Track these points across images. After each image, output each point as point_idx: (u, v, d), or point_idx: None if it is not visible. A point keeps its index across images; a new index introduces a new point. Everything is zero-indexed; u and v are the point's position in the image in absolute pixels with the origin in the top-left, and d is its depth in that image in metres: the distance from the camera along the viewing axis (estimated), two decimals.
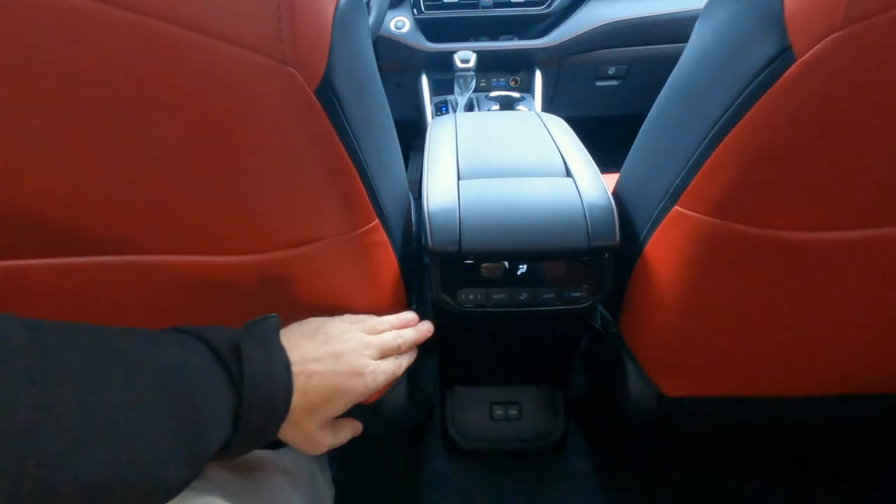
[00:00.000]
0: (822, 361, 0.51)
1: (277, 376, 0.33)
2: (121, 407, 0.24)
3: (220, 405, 0.30)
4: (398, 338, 0.45)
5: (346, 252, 0.42)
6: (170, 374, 0.28)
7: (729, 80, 0.36)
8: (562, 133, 0.67)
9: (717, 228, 0.42)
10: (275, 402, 0.33)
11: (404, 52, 1.19)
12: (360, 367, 0.38)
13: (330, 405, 0.37)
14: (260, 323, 0.35)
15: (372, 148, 0.40)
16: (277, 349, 0.34)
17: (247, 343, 0.33)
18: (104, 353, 0.26)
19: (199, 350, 0.32)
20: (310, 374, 0.36)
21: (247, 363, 0.32)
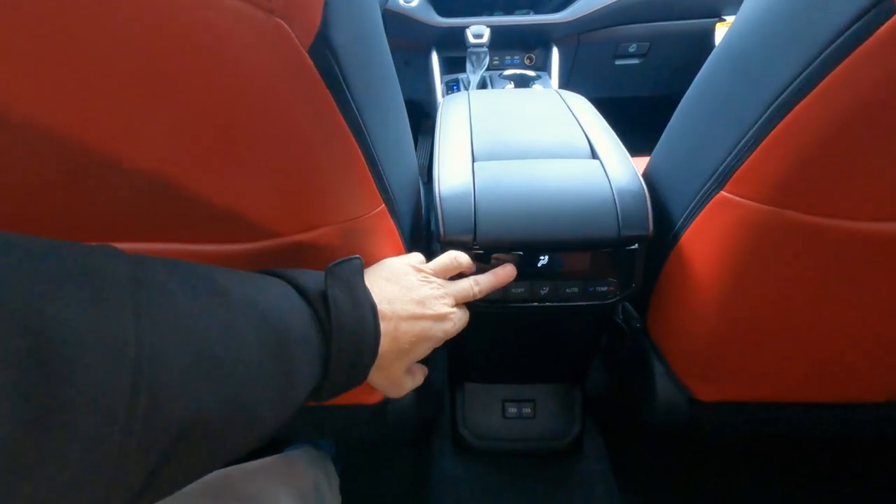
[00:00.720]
0: (879, 364, 0.46)
1: (365, 321, 0.32)
2: (222, 343, 0.24)
3: (310, 349, 0.30)
4: (475, 285, 0.43)
5: (350, 240, 0.37)
6: (265, 315, 0.27)
7: (801, 41, 0.31)
8: (585, 112, 0.62)
9: (769, 216, 0.37)
10: (363, 346, 0.32)
11: (413, 27, 1.13)
12: (443, 312, 0.38)
13: (416, 350, 0.37)
14: (343, 265, 0.34)
15: (377, 122, 0.35)
16: (363, 292, 0.33)
17: (332, 286, 0.32)
18: (205, 287, 0.25)
19: (290, 293, 0.31)
20: (398, 318, 0.35)
21: (334, 307, 0.31)
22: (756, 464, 0.73)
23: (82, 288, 0.19)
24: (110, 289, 0.20)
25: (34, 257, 0.19)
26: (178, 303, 0.23)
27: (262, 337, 0.26)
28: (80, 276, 0.20)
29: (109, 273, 0.21)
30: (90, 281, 0.20)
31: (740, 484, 0.71)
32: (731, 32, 0.39)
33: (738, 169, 0.37)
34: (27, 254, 0.19)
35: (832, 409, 0.52)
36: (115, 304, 0.20)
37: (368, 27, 0.33)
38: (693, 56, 1.17)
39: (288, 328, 0.28)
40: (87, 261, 0.21)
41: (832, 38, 0.28)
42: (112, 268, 0.21)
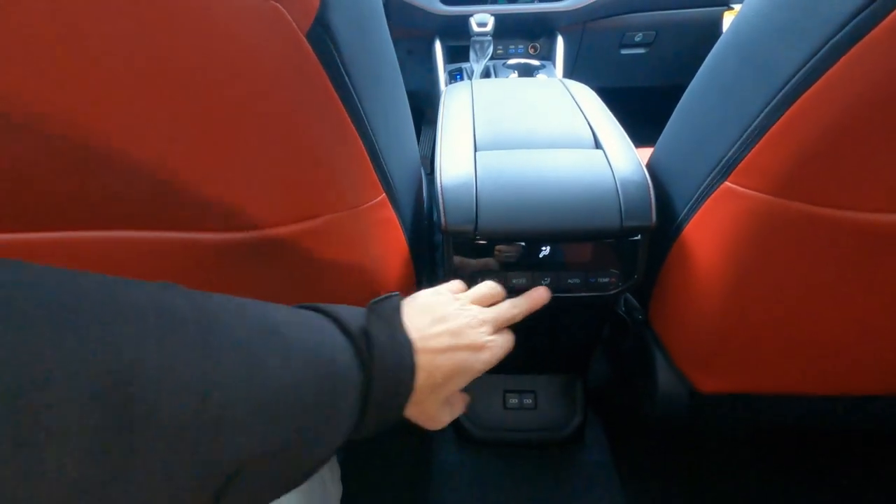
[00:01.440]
0: (883, 356, 0.45)
1: (403, 358, 0.32)
2: (279, 382, 0.25)
3: (352, 387, 0.30)
4: (513, 308, 0.42)
5: (349, 229, 0.37)
6: (315, 353, 0.28)
7: (807, 31, 0.30)
8: (589, 101, 0.61)
9: (774, 208, 0.36)
10: (400, 384, 0.32)
11: (416, 16, 1.12)
12: (480, 342, 0.37)
13: (452, 382, 0.36)
14: (384, 303, 0.34)
15: (377, 110, 0.34)
16: (401, 330, 0.33)
17: (373, 324, 0.32)
18: (260, 325, 0.26)
19: (333, 330, 0.31)
20: (433, 352, 0.35)
21: (376, 346, 0.31)
22: (757, 455, 0.72)
23: (156, 329, 0.20)
24: (181, 329, 0.21)
25: (110, 295, 0.20)
26: (239, 342, 0.23)
27: (313, 375, 0.27)
28: (153, 316, 0.21)
29: (179, 313, 0.22)
30: (162, 321, 0.21)
31: (741, 475, 0.71)
32: (737, 21, 0.38)
33: (742, 159, 0.36)
34: (103, 291, 0.20)
35: (834, 401, 0.52)
36: (185, 345, 0.21)
37: (368, 13, 0.33)
38: (701, 45, 1.15)
39: (334, 366, 0.28)
40: (158, 300, 0.22)
41: (838, 28, 0.28)
42: (180, 307, 0.22)
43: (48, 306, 0.18)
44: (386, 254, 0.42)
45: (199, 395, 0.21)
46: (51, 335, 0.17)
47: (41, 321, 0.17)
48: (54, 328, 0.18)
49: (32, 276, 0.19)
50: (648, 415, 0.57)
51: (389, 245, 0.42)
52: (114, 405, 0.18)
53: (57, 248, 0.35)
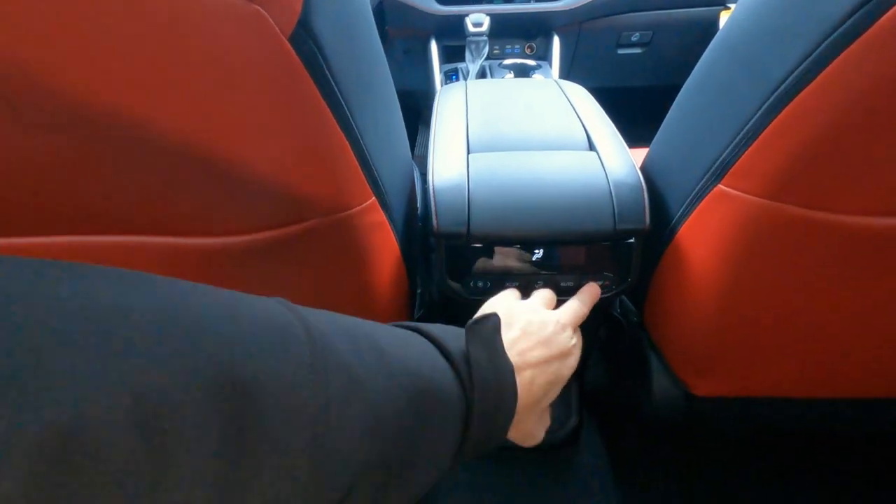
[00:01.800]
0: (876, 360, 0.45)
1: (505, 382, 0.32)
2: (383, 404, 0.24)
3: (454, 410, 0.29)
4: (583, 306, 0.42)
5: (340, 234, 0.37)
6: (417, 375, 0.27)
7: (800, 32, 0.30)
8: (584, 102, 0.61)
9: (767, 211, 0.36)
10: (501, 409, 0.31)
11: (412, 16, 1.12)
12: (567, 348, 0.37)
13: (549, 395, 0.36)
14: (483, 323, 0.33)
15: (366, 113, 0.34)
16: (501, 352, 0.33)
17: (473, 347, 0.32)
18: (366, 344, 0.26)
19: (433, 352, 0.31)
20: (531, 367, 0.35)
21: (475, 368, 0.31)
22: (752, 458, 0.72)
23: (272, 345, 0.20)
24: (294, 347, 0.21)
25: (230, 309, 0.20)
26: (347, 362, 0.23)
27: (414, 398, 0.26)
28: (268, 332, 0.21)
29: (291, 330, 0.22)
30: (277, 338, 0.21)
31: (737, 478, 0.70)
32: (730, 22, 0.38)
33: (736, 162, 0.36)
34: (222, 303, 0.20)
35: (829, 403, 0.52)
36: (298, 363, 0.21)
37: (354, 15, 0.33)
38: (697, 45, 1.14)
39: (435, 389, 0.28)
40: (271, 315, 0.22)
41: (831, 30, 0.27)
42: (292, 324, 0.22)
43: (159, 321, 0.17)
44: (377, 258, 0.42)
45: (310, 414, 0.20)
46: (168, 349, 0.17)
47: (152, 335, 0.17)
48: (172, 341, 0.17)
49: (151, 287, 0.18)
50: (644, 417, 0.57)
51: (380, 249, 0.42)
52: (235, 420, 0.18)
53: (47, 253, 0.35)
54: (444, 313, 0.63)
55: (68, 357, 0.15)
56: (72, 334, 0.15)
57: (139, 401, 0.15)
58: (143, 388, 0.16)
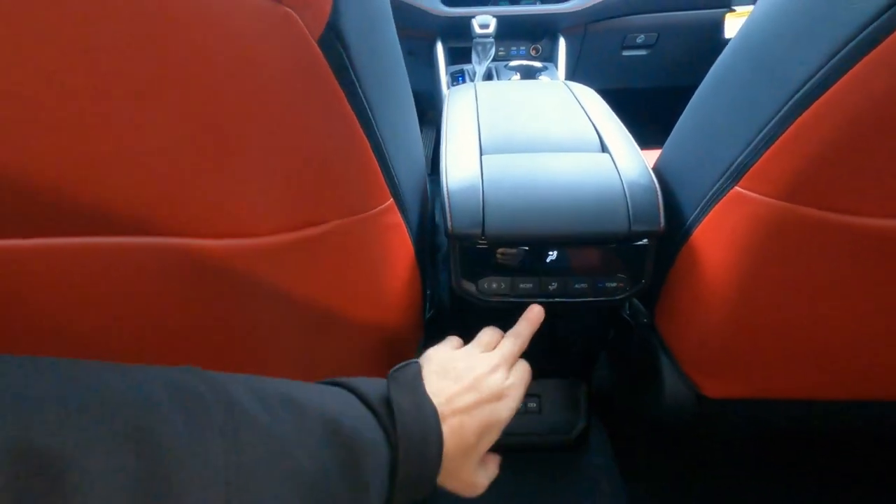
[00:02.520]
0: (893, 362, 0.45)
1: (429, 426, 0.31)
2: (302, 457, 0.24)
3: (378, 458, 0.29)
4: (517, 339, 0.42)
5: (357, 235, 0.37)
6: (337, 424, 0.27)
7: (821, 36, 0.30)
8: (594, 104, 0.61)
9: (785, 213, 0.36)
10: (428, 452, 0.31)
11: (418, 17, 1.12)
12: (499, 390, 0.37)
13: (484, 440, 0.36)
14: (404, 370, 0.34)
15: (386, 115, 0.34)
16: (423, 395, 0.33)
17: (396, 393, 0.32)
18: (282, 404, 0.25)
19: (353, 402, 0.31)
20: (461, 412, 0.34)
21: (398, 413, 0.30)
22: (763, 461, 0.72)
23: (185, 414, 0.21)
24: (205, 415, 0.22)
25: (140, 380, 0.21)
26: (259, 422, 0.23)
27: (336, 448, 0.26)
28: (182, 401, 0.21)
29: (203, 399, 0.22)
30: (190, 407, 0.21)
31: (747, 481, 0.70)
32: (749, 24, 0.38)
33: (753, 164, 0.36)
34: (132, 377, 0.21)
35: (844, 405, 0.52)
36: (209, 429, 0.21)
37: (378, 16, 0.33)
38: (702, 47, 1.15)
39: (358, 437, 0.28)
40: (186, 386, 0.22)
41: (853, 35, 0.27)
42: (203, 392, 0.22)
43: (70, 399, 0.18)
44: (393, 259, 0.42)
45: (221, 477, 0.20)
46: (75, 423, 0.17)
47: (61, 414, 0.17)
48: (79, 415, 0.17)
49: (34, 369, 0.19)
50: (654, 419, 0.57)
51: (396, 250, 0.42)
52: (146, 485, 0.18)
53: (54, 254, 0.34)
54: (453, 314, 0.63)
55: None
56: None
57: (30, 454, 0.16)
58: (42, 447, 0.16)
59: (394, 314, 0.46)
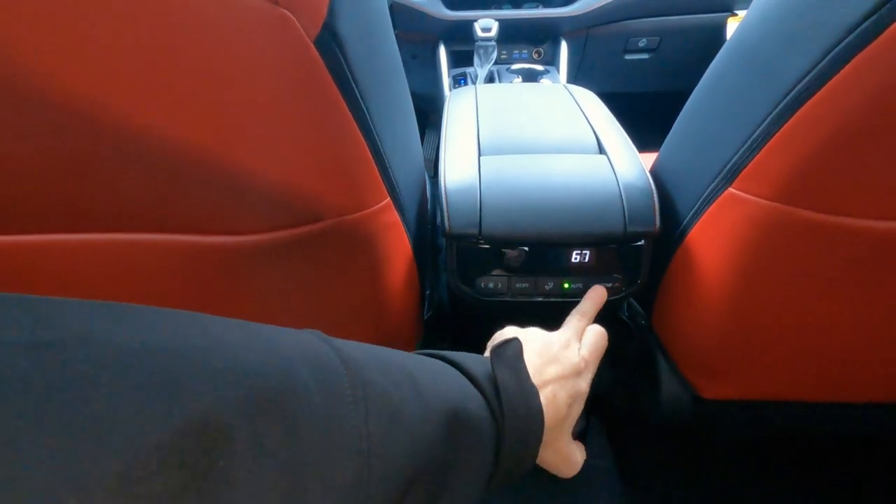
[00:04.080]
0: (888, 363, 0.45)
1: (532, 403, 0.32)
2: (420, 434, 0.25)
3: (486, 437, 0.29)
4: (583, 316, 0.43)
5: (354, 234, 0.37)
6: (448, 403, 0.27)
7: (812, 37, 0.30)
8: (593, 106, 0.61)
9: (778, 214, 0.36)
10: (532, 428, 0.31)
11: (421, 21, 1.12)
12: (577, 362, 0.38)
13: (573, 409, 0.37)
14: (507, 347, 0.34)
15: (383, 114, 0.35)
16: (526, 375, 0.33)
17: (500, 371, 0.32)
18: (400, 376, 0.26)
19: (460, 379, 0.31)
20: (551, 383, 0.35)
21: (504, 392, 0.31)
22: (761, 462, 0.72)
23: (319, 383, 0.21)
24: (337, 383, 0.22)
25: (270, 342, 0.21)
26: (384, 392, 0.24)
27: (449, 426, 0.27)
28: (315, 369, 0.21)
29: (335, 367, 0.22)
30: (323, 376, 0.22)
31: (745, 482, 0.70)
32: (742, 27, 0.38)
33: (747, 165, 0.37)
34: (261, 337, 0.21)
35: (840, 407, 0.52)
36: (342, 398, 0.22)
37: (375, 18, 0.33)
38: (704, 51, 1.16)
39: (467, 416, 0.28)
40: (308, 347, 0.23)
41: (843, 35, 0.28)
42: (328, 355, 0.23)
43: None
44: (390, 257, 0.42)
45: (360, 447, 0.21)
46: (213, 384, 0.18)
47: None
48: (217, 377, 0.18)
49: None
50: (652, 420, 0.57)
51: (394, 248, 0.42)
52: (280, 456, 0.18)
53: (64, 250, 0.35)
54: (452, 314, 0.63)
55: (127, 396, 0.15)
56: (130, 375, 0.16)
57: (189, 432, 0.16)
58: (195, 423, 0.16)
59: (391, 312, 0.47)
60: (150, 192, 0.32)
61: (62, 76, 0.23)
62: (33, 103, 0.24)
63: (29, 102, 0.24)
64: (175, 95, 0.25)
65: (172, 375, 0.17)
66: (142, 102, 0.25)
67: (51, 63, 0.22)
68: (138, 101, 0.25)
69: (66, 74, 0.23)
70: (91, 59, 0.23)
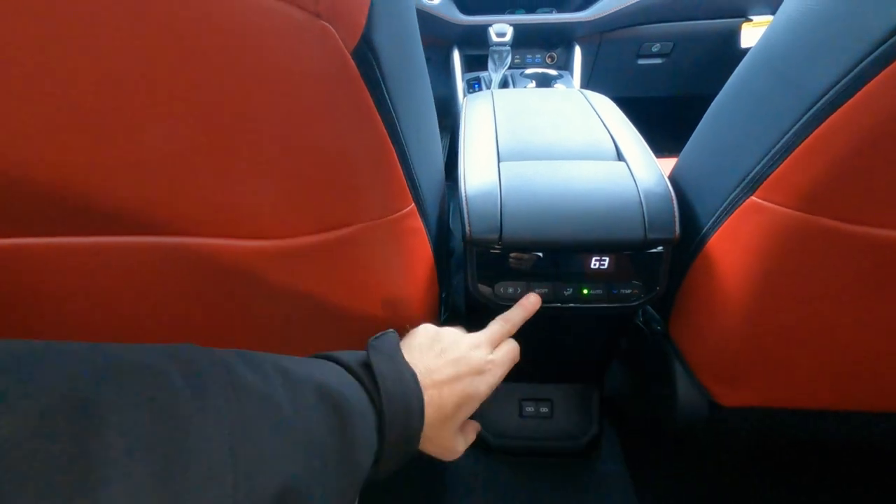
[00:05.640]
0: None
1: (410, 389, 0.33)
2: (294, 417, 0.25)
3: (366, 420, 0.30)
4: (505, 323, 0.44)
5: (379, 239, 0.38)
6: (324, 389, 0.28)
7: (842, 47, 0.30)
8: (610, 112, 0.61)
9: (802, 223, 0.36)
10: (412, 414, 0.33)
11: (436, 25, 1.13)
12: (479, 366, 0.38)
13: (461, 411, 0.37)
14: (382, 339, 0.36)
15: (411, 123, 0.35)
16: (403, 363, 0.35)
17: (375, 358, 0.33)
18: (273, 370, 0.27)
19: (337, 369, 0.32)
20: (439, 384, 0.36)
21: (380, 378, 0.32)
22: (776, 470, 0.72)
23: (188, 378, 0.22)
24: (207, 377, 0.23)
25: (146, 352, 0.22)
26: (253, 384, 0.25)
27: (325, 409, 0.28)
28: (185, 367, 0.22)
29: (202, 365, 0.23)
30: (192, 371, 0.23)
31: (759, 491, 0.70)
32: (769, 34, 0.38)
33: (770, 175, 0.37)
34: (137, 350, 0.22)
35: (858, 416, 0.52)
36: (210, 389, 0.23)
37: (408, 29, 0.34)
38: (718, 56, 1.15)
39: (345, 399, 0.29)
40: (186, 356, 0.23)
41: (874, 46, 0.28)
42: (202, 360, 0.24)
43: None
44: (412, 262, 0.43)
45: (228, 433, 0.22)
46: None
47: None
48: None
49: None
50: (667, 426, 0.57)
51: (416, 254, 0.43)
52: (165, 443, 0.19)
53: (75, 252, 0.36)
54: (467, 318, 0.64)
55: None
56: None
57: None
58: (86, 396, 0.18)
59: (411, 316, 0.47)
60: (174, 196, 0.32)
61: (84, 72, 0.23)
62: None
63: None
64: (205, 100, 0.26)
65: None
66: (167, 105, 0.26)
67: (70, 61, 0.23)
68: (164, 102, 0.25)
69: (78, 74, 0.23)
70: (111, 61, 0.23)
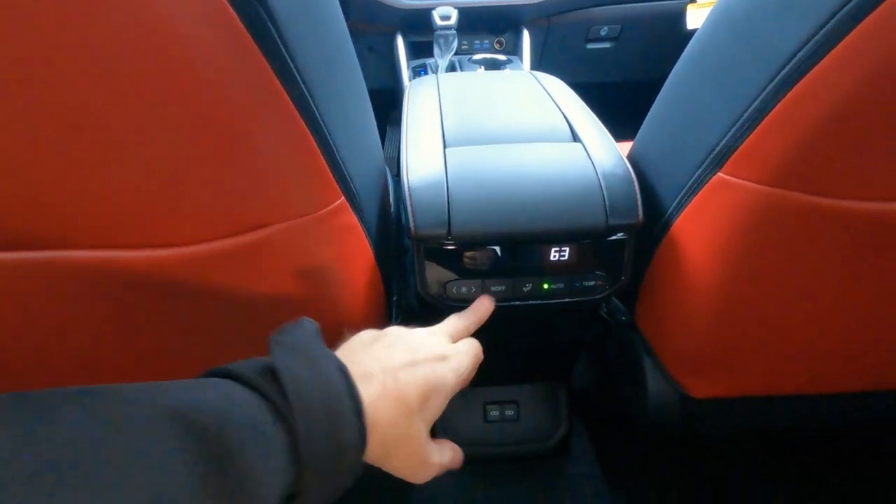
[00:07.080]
0: (884, 351, 0.43)
1: (333, 385, 0.25)
2: (112, 475, 0.18)
3: (268, 443, 0.23)
4: (461, 319, 0.39)
5: (305, 239, 0.33)
6: (185, 422, 0.21)
7: (807, 4, 0.27)
8: (562, 93, 0.58)
9: (771, 199, 0.33)
10: (340, 416, 0.25)
11: (377, 10, 1.07)
12: (439, 351, 0.32)
13: (428, 404, 0.30)
14: (289, 330, 0.28)
15: (333, 104, 0.30)
16: (322, 354, 0.27)
17: (282, 357, 0.25)
18: (105, 403, 0.20)
19: (222, 386, 0.24)
20: (392, 371, 0.29)
21: (288, 379, 0.24)
22: (751, 461, 0.71)
23: None
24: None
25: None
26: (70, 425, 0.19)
27: (184, 446, 0.20)
28: None
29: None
30: None
31: (735, 482, 0.69)
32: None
33: (737, 148, 0.34)
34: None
35: (834, 399, 0.50)
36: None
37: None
38: (665, 39, 1.15)
39: (225, 425, 0.22)
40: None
41: (839, 5, 0.25)
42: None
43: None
44: (349, 263, 0.38)
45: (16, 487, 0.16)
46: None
47: None
48: None
49: None
50: (638, 421, 0.54)
51: (352, 253, 0.37)
52: None
53: None
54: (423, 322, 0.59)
55: None
56: None
57: None
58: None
59: (353, 321, 0.42)
60: (65, 205, 0.26)
61: None
62: None
63: None
64: (70, 87, 0.20)
65: None
66: (28, 96, 0.20)
67: None
68: (24, 94, 0.20)
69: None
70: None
